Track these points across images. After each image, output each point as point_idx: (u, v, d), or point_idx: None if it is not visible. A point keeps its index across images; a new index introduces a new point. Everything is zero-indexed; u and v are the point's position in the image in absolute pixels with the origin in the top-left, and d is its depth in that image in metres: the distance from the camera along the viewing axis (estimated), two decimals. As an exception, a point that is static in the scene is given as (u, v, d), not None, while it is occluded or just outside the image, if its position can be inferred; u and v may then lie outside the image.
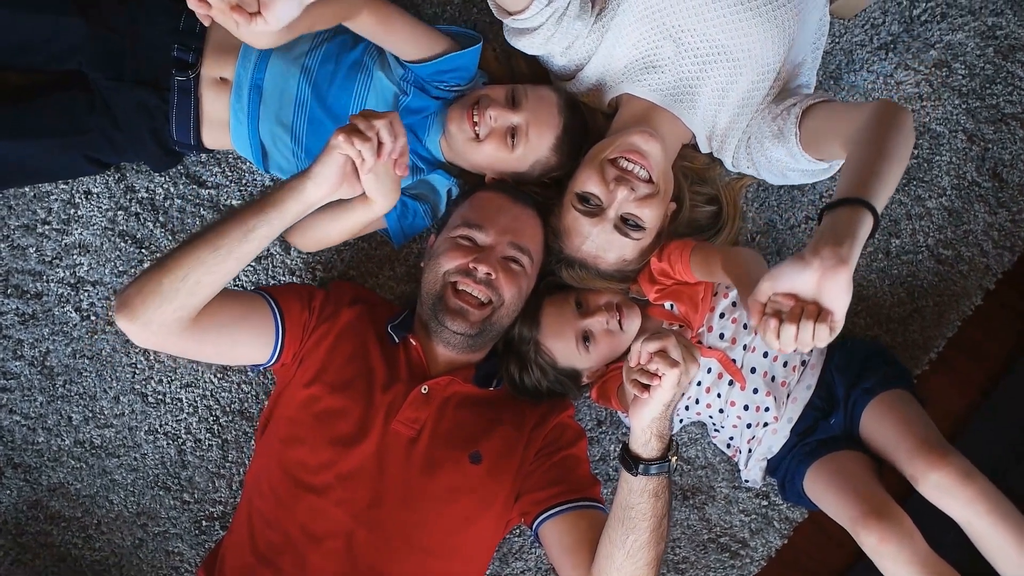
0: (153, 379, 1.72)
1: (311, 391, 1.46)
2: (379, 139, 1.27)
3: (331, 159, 1.27)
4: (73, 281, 1.69)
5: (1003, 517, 1.42)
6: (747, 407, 1.61)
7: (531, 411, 1.56)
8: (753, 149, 1.56)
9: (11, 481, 1.71)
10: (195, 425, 1.72)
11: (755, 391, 1.60)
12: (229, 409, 1.73)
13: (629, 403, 1.24)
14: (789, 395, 1.60)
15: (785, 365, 1.60)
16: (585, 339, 1.56)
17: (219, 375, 1.72)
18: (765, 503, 1.78)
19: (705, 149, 1.64)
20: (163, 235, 1.70)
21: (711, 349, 1.61)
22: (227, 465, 1.73)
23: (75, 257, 1.69)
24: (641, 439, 1.24)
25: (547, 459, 1.51)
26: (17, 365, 1.70)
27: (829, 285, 1.05)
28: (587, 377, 1.63)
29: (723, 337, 1.60)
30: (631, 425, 1.25)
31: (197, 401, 1.72)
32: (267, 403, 1.60)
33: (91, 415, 1.71)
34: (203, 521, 1.74)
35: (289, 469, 1.43)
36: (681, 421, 1.71)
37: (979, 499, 1.42)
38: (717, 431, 1.71)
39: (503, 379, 1.59)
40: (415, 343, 1.54)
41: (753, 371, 1.60)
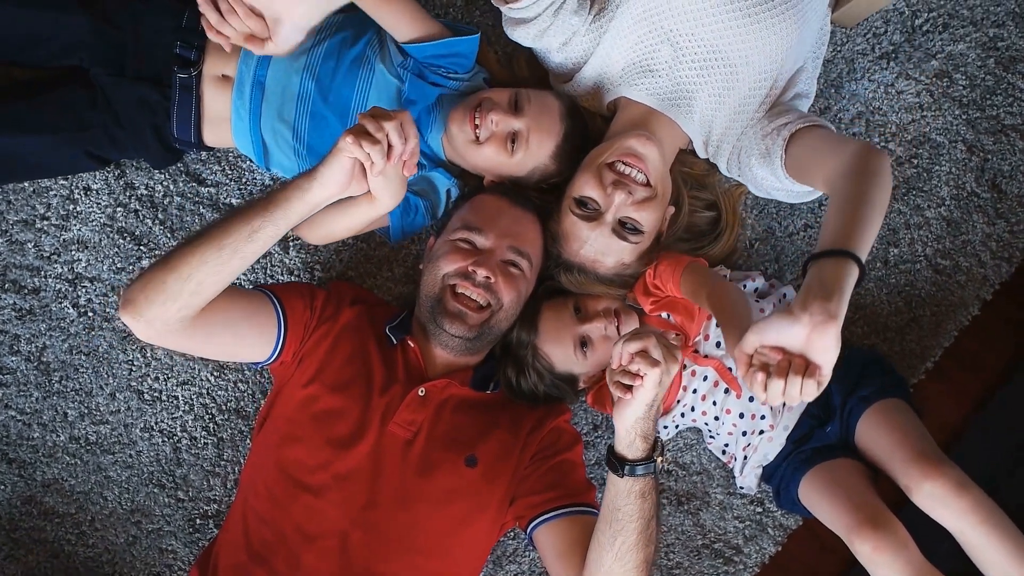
0: (149, 376, 1.71)
1: (309, 391, 1.46)
2: (389, 142, 1.25)
3: (338, 161, 1.26)
4: (71, 277, 1.69)
5: (996, 528, 1.43)
6: (743, 415, 1.61)
7: (528, 415, 1.56)
8: (742, 163, 1.57)
9: (5, 476, 1.71)
10: (191, 423, 1.72)
11: (751, 399, 1.60)
12: (225, 407, 1.73)
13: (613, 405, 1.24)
14: (785, 403, 1.60)
15: (782, 372, 1.60)
16: (583, 344, 1.56)
17: (215, 373, 1.72)
18: (759, 510, 1.78)
19: (702, 154, 1.64)
20: (162, 232, 1.70)
21: (707, 358, 1.61)
22: (222, 463, 1.73)
23: (73, 253, 1.69)
24: (625, 440, 1.25)
25: (543, 463, 1.51)
26: (13, 360, 1.70)
27: (818, 340, 1.06)
28: (584, 382, 1.63)
29: (719, 345, 1.60)
30: (615, 426, 1.26)
31: (193, 399, 1.72)
32: (264, 402, 1.60)
33: (87, 411, 1.71)
34: (197, 519, 1.74)
35: (286, 468, 1.43)
36: (677, 427, 1.71)
37: (973, 510, 1.43)
38: (712, 438, 1.71)
39: (500, 383, 1.59)
40: (413, 345, 1.54)
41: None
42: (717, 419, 1.64)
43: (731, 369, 1.60)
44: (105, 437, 1.72)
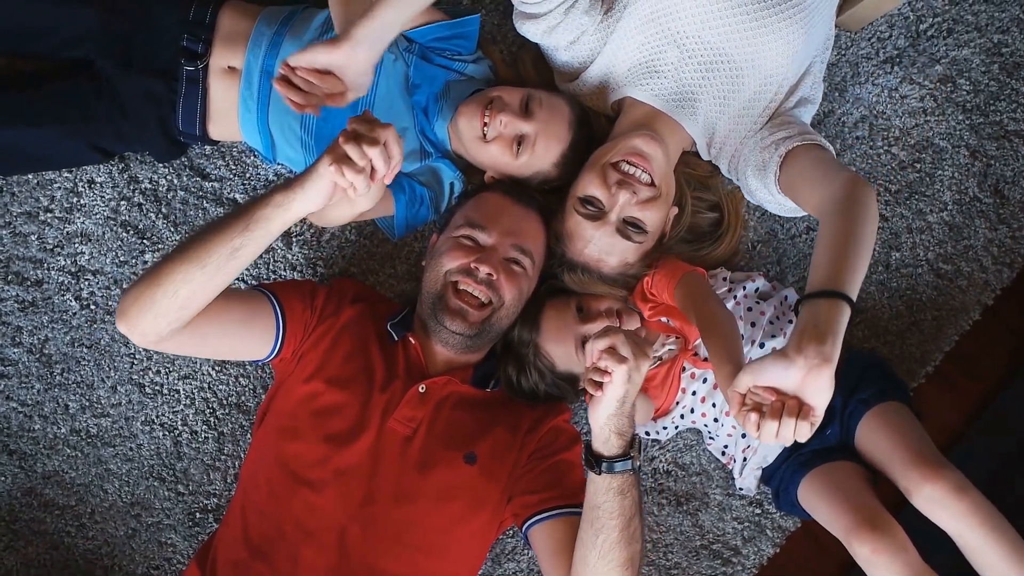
0: (151, 370, 1.72)
1: (310, 387, 1.47)
2: (372, 165, 1.22)
3: (320, 183, 1.23)
4: (74, 270, 1.70)
5: (995, 531, 1.43)
6: (743, 416, 1.61)
7: (527, 414, 1.56)
8: (739, 171, 1.57)
9: (6, 468, 1.71)
10: (192, 417, 1.72)
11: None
12: (226, 402, 1.73)
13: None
14: None
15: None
16: (584, 344, 1.56)
17: (217, 368, 1.72)
18: (758, 511, 1.78)
19: (705, 156, 1.65)
20: (165, 226, 1.70)
21: (707, 361, 1.61)
22: (222, 458, 1.73)
23: (76, 246, 1.69)
24: (600, 437, 1.26)
25: (540, 462, 1.51)
26: (15, 352, 1.70)
27: (812, 382, 1.07)
28: (584, 382, 1.63)
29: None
30: (591, 424, 1.27)
31: (194, 393, 1.72)
32: (265, 396, 1.60)
33: (88, 404, 1.71)
34: (197, 513, 1.74)
35: (285, 463, 1.43)
36: (676, 428, 1.71)
37: (972, 513, 1.43)
38: (712, 439, 1.71)
39: (500, 381, 1.59)
40: (414, 342, 1.54)
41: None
42: (716, 421, 1.64)
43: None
44: (106, 430, 1.72)
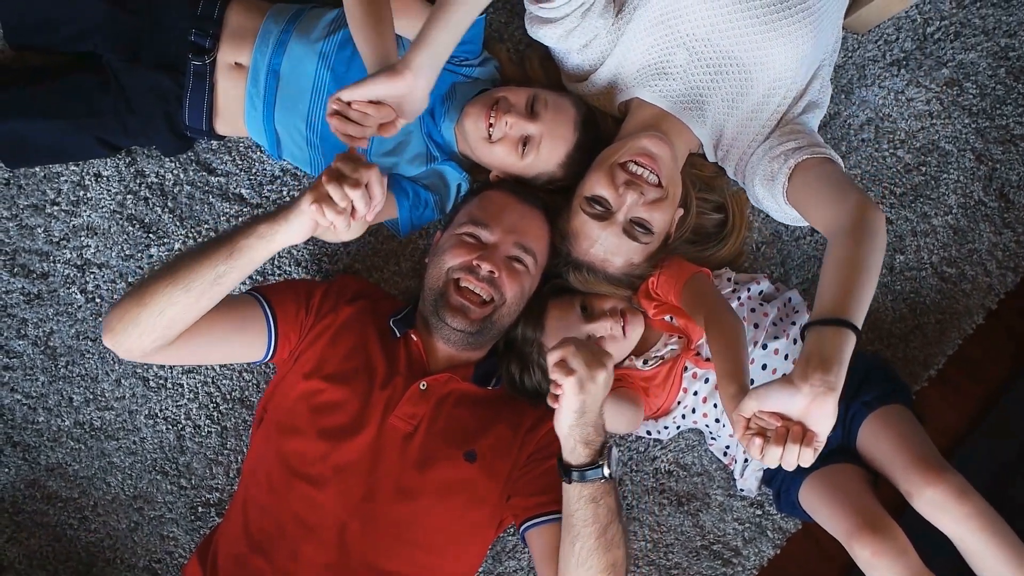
0: (155, 364, 1.72)
1: (311, 383, 1.47)
2: (353, 206, 1.22)
3: (302, 219, 1.24)
4: (80, 263, 1.70)
5: (996, 535, 1.43)
6: (745, 417, 1.61)
7: (529, 412, 1.56)
8: (746, 179, 1.57)
9: (9, 459, 1.71)
10: (195, 411, 1.73)
11: (753, 401, 1.60)
12: (230, 397, 1.73)
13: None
14: None
15: (784, 377, 1.60)
16: (587, 343, 1.56)
17: (221, 363, 1.72)
18: (759, 512, 1.78)
19: (711, 158, 1.65)
20: (171, 220, 1.71)
21: (709, 361, 1.61)
22: (225, 452, 1.74)
23: (82, 239, 1.70)
24: (567, 447, 1.30)
25: (538, 464, 1.51)
26: (20, 344, 1.70)
27: (817, 410, 1.10)
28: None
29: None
30: (558, 435, 1.31)
31: (198, 387, 1.72)
32: (265, 390, 1.61)
33: (92, 397, 1.72)
34: (199, 507, 1.74)
35: (286, 458, 1.44)
36: (678, 428, 1.71)
37: (973, 517, 1.43)
38: (714, 439, 1.72)
39: (502, 378, 1.59)
40: (416, 339, 1.54)
41: (751, 382, 1.60)
42: (718, 421, 1.64)
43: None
44: (110, 423, 1.72)
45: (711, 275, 1.63)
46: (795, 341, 1.59)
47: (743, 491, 1.73)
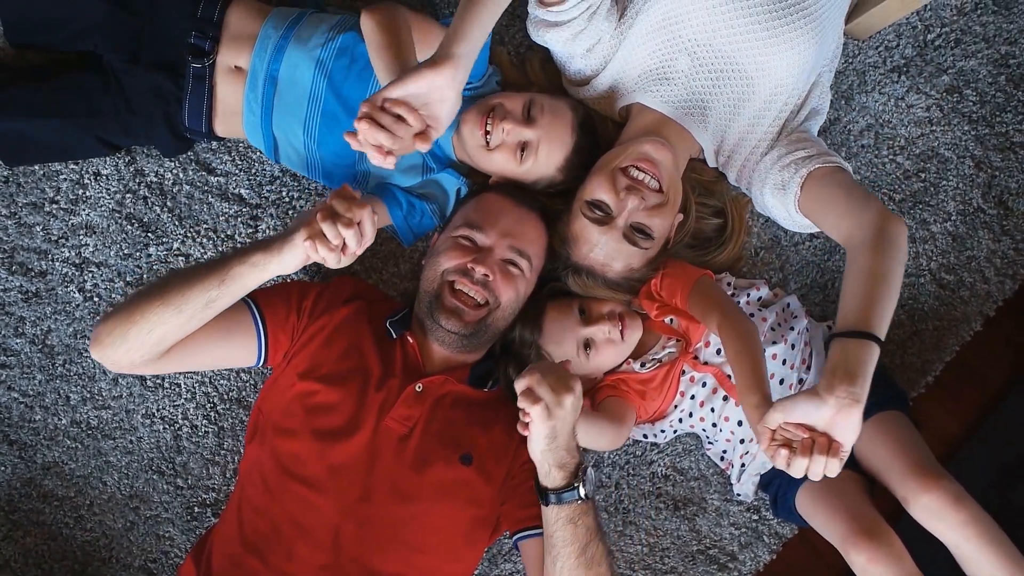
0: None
1: (306, 384, 1.47)
2: (344, 243, 1.23)
3: (295, 252, 1.25)
4: (78, 261, 1.70)
5: (991, 542, 1.43)
6: (741, 423, 1.61)
7: (525, 417, 1.56)
8: (754, 187, 1.57)
9: (6, 458, 1.71)
10: (192, 411, 1.73)
11: (751, 406, 1.60)
12: (227, 397, 1.73)
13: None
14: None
15: (782, 383, 1.59)
16: (586, 347, 1.56)
17: (218, 362, 1.72)
18: (756, 517, 1.78)
19: (712, 163, 1.64)
20: (170, 220, 1.71)
21: (707, 365, 1.61)
22: (222, 452, 1.73)
23: (81, 237, 1.70)
24: (542, 471, 1.32)
25: (532, 473, 1.51)
26: (18, 342, 1.70)
27: (842, 421, 1.13)
28: (584, 384, 1.63)
29: (720, 353, 1.60)
30: (532, 459, 1.32)
31: (195, 387, 1.72)
32: (260, 391, 1.60)
33: (89, 396, 1.71)
34: (195, 507, 1.74)
35: (280, 459, 1.44)
36: (675, 432, 1.71)
37: (969, 523, 1.43)
38: (711, 444, 1.72)
39: (499, 381, 1.59)
40: (412, 340, 1.54)
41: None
42: (715, 426, 1.64)
43: (730, 377, 1.60)
44: (106, 422, 1.72)
45: (713, 277, 1.63)
46: (792, 346, 1.59)
47: (740, 496, 1.73)
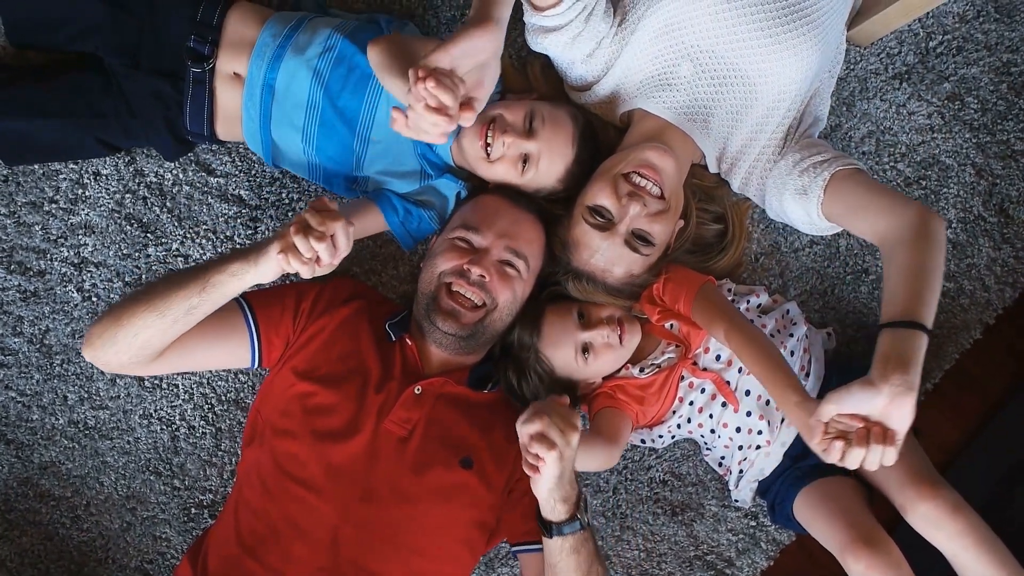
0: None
1: (304, 386, 1.47)
2: (317, 256, 1.23)
3: (270, 263, 1.26)
4: (77, 261, 1.70)
5: (989, 551, 1.43)
6: (739, 429, 1.61)
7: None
8: (769, 194, 1.57)
9: (2, 457, 1.71)
10: (190, 412, 1.72)
11: (748, 414, 1.60)
12: (225, 398, 1.73)
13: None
14: (783, 419, 1.60)
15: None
16: (585, 351, 1.56)
17: (216, 364, 1.72)
18: (753, 523, 1.78)
19: (714, 170, 1.64)
20: (169, 220, 1.70)
21: (706, 371, 1.61)
22: (219, 454, 1.73)
23: (80, 237, 1.69)
24: (547, 507, 1.34)
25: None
26: (16, 342, 1.70)
27: (896, 409, 1.14)
28: (582, 388, 1.63)
29: (719, 359, 1.60)
30: (536, 496, 1.34)
31: (193, 388, 1.72)
32: (258, 392, 1.60)
33: (87, 396, 1.71)
34: (192, 508, 1.74)
35: (279, 460, 1.44)
36: (673, 437, 1.71)
37: (967, 532, 1.43)
38: (709, 450, 1.71)
39: (498, 383, 1.59)
40: (411, 343, 1.54)
41: (747, 393, 1.60)
42: (713, 432, 1.64)
43: (729, 383, 1.60)
44: (104, 422, 1.72)
45: (715, 283, 1.63)
46: (792, 353, 1.59)
47: (737, 502, 1.73)
